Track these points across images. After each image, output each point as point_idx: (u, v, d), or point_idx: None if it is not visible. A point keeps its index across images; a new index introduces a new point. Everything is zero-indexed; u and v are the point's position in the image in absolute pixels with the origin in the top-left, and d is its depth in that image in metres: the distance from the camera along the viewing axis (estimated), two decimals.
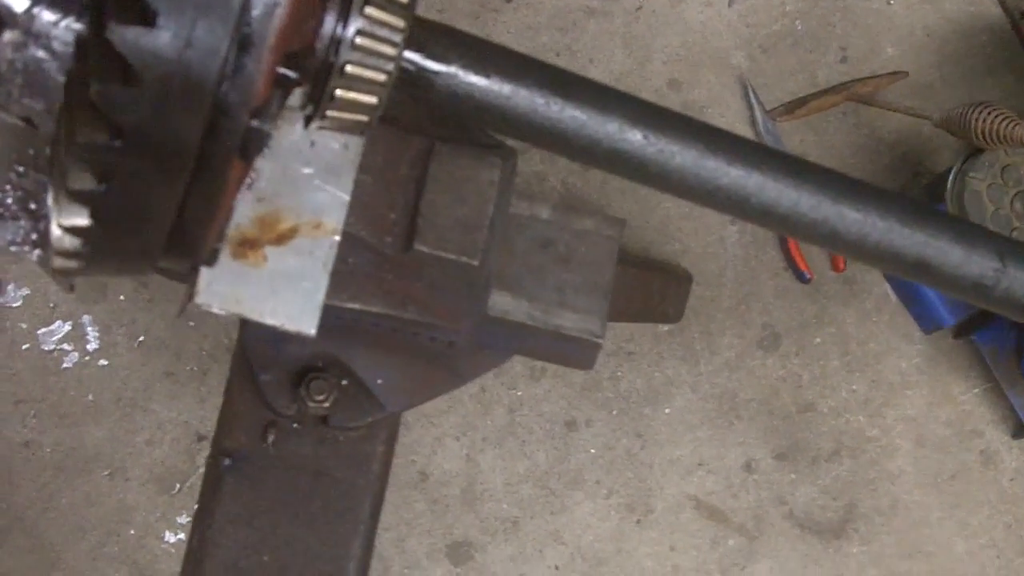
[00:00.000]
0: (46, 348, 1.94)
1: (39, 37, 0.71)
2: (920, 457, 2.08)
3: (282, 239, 0.98)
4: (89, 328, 1.96)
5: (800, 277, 2.09)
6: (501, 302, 1.17)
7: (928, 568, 2.06)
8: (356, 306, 1.07)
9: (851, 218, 1.01)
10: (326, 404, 1.18)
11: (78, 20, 0.71)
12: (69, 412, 1.92)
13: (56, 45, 0.71)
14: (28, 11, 0.70)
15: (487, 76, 0.90)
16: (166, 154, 0.68)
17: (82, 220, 0.71)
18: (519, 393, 2.00)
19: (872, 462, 2.07)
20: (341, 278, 1.01)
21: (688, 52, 2.18)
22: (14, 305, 1.95)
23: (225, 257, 0.98)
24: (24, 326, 1.94)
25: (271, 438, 1.20)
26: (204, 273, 0.97)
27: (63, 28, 0.71)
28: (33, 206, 0.93)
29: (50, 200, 0.75)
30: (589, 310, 1.18)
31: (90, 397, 1.93)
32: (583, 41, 2.16)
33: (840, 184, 1.02)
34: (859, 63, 2.23)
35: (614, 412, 2.02)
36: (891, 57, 2.24)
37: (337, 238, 0.98)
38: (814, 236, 1.02)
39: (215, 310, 0.96)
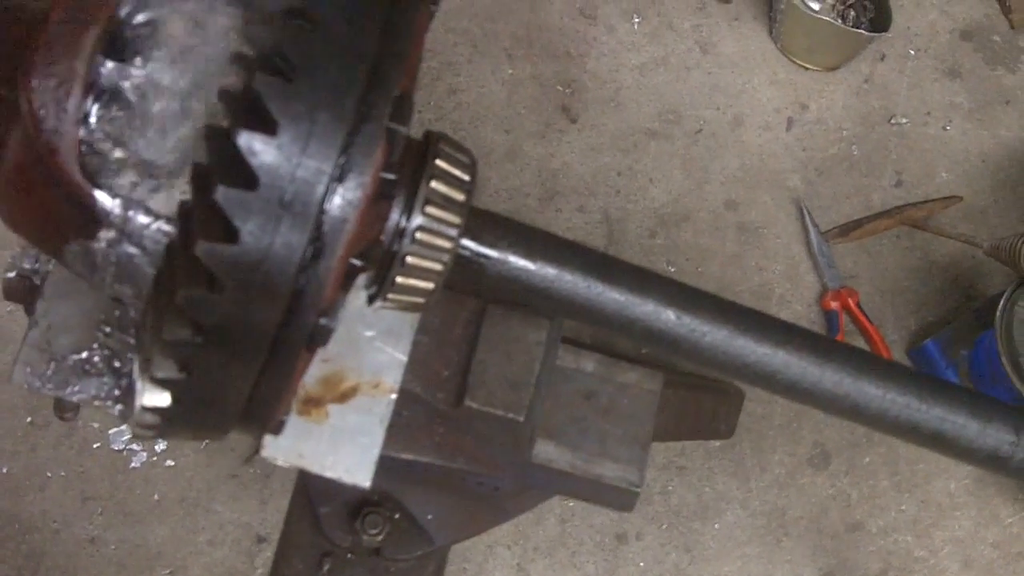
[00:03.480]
0: (116, 448, 1.99)
1: (132, 236, 0.77)
2: None
3: (344, 397, 1.04)
4: None
5: None
6: (545, 450, 1.23)
7: None
8: (409, 456, 1.13)
9: (872, 394, 1.06)
10: (379, 537, 1.23)
11: (169, 223, 0.78)
12: (134, 510, 1.96)
13: (148, 243, 0.78)
14: (124, 213, 0.77)
15: (534, 261, 0.96)
16: (242, 349, 0.74)
17: (163, 403, 0.77)
18: (570, 504, 2.03)
19: None
20: (395, 430, 1.07)
21: (745, 174, 2.24)
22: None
23: (290, 414, 1.03)
24: (96, 426, 1.99)
25: (327, 567, 1.25)
26: None
27: (155, 230, 0.78)
28: (117, 364, 1.00)
29: (136, 377, 0.81)
30: (629, 460, 1.23)
31: (156, 496, 1.97)
32: (644, 162, 2.22)
33: (861, 362, 1.07)
34: (914, 187, 2.27)
35: (664, 526, 2.05)
36: (946, 182, 2.28)
37: (394, 396, 1.05)
38: (836, 410, 1.07)
39: (279, 463, 1.02)
